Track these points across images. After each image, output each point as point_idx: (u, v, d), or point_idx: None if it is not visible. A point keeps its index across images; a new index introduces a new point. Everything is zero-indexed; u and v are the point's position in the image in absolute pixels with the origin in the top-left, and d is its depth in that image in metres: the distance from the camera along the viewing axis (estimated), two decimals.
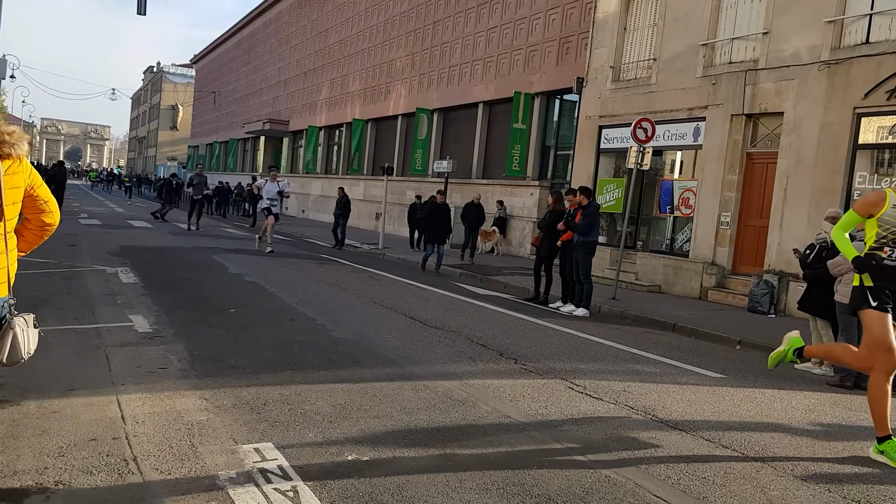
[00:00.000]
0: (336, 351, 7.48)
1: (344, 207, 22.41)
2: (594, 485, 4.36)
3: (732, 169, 14.60)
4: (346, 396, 5.80)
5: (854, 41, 12.61)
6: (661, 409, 6.26)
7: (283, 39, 45.21)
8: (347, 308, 10.48)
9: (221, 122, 59.18)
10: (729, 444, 5.38)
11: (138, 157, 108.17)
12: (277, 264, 15.78)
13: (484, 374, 7.04)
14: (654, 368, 8.08)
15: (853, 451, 5.54)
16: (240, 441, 4.63)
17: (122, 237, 19.20)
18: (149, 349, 6.96)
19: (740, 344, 9.97)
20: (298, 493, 3.92)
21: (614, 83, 17.57)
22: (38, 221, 3.79)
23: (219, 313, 9.14)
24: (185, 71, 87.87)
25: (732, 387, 7.44)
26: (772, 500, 4.36)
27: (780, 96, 13.60)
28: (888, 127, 11.97)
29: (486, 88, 24.84)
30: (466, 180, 24.97)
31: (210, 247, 18.57)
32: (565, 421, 5.67)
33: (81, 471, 4.02)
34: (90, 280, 11.24)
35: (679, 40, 15.85)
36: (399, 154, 30.74)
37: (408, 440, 4.90)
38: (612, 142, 17.68)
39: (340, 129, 37.21)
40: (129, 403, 5.23)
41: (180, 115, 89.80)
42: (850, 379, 7.89)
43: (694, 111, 15.39)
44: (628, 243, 15.76)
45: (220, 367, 6.47)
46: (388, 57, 31.90)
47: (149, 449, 4.41)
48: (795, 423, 6.21)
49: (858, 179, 12.43)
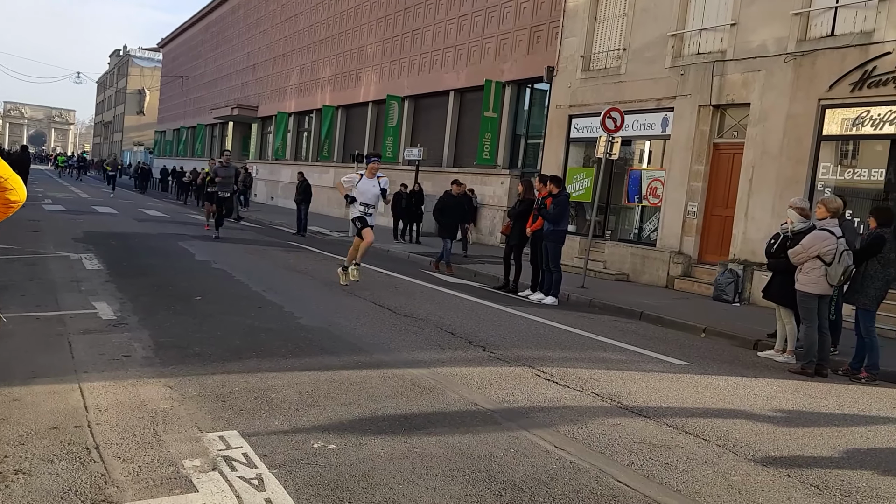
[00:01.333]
0: (303, 339, 7.45)
1: (304, 192, 22.17)
2: (559, 471, 4.40)
3: (699, 159, 14.74)
4: (313, 384, 5.78)
5: (819, 34, 12.78)
6: (626, 395, 6.33)
7: (252, 24, 44.66)
8: (315, 296, 10.44)
9: (189, 107, 58.39)
10: (692, 431, 5.46)
11: (104, 142, 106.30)
12: (244, 251, 15.65)
13: (452, 361, 7.06)
14: (621, 356, 8.16)
15: (813, 437, 5.65)
16: (204, 429, 4.59)
17: (87, 223, 18.90)
18: (112, 336, 6.88)
19: (705, 332, 10.10)
20: (264, 480, 3.90)
21: (584, 73, 17.63)
22: (2, 199, 3.70)
23: (184, 301, 9.04)
24: (152, 55, 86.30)
25: (696, 374, 7.55)
26: (733, 485, 4.44)
27: (746, 87, 13.74)
28: (852, 119, 12.17)
29: (458, 76, 24.79)
30: (437, 168, 24.94)
31: (176, 234, 18.36)
32: (532, 408, 5.71)
33: (42, 459, 3.96)
34: (53, 266, 11.06)
35: (648, 31, 15.94)
36: (370, 141, 30.59)
37: (375, 428, 4.90)
38: (581, 131, 17.76)
39: (310, 115, 36.91)
40: (91, 391, 5.16)
41: (147, 100, 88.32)
42: (812, 366, 8.05)
43: (662, 101, 15.50)
44: (597, 232, 15.85)
45: (185, 354, 6.42)
46: (358, 43, 31.68)
47: (112, 437, 4.36)
48: (757, 410, 6.31)
49: (822, 170, 12.62)
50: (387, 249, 18.51)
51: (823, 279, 7.96)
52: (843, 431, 5.88)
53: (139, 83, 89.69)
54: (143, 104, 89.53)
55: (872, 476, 4.84)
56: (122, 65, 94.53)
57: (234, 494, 3.71)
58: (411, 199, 21.25)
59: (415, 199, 21.28)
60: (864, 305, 8.08)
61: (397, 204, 21.20)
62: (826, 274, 7.95)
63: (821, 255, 7.94)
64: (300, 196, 22.19)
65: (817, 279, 7.99)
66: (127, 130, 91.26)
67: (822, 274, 7.96)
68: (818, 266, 7.98)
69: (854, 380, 8.03)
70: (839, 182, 12.37)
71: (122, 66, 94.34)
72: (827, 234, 8.00)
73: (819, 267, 7.97)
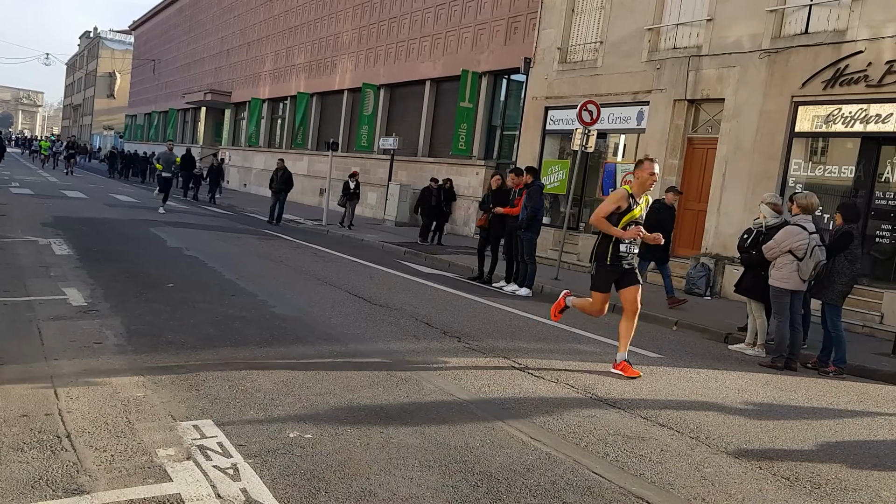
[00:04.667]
0: (278, 327, 7.40)
1: (286, 181, 21.07)
2: (534, 462, 4.42)
3: (674, 153, 14.85)
4: (289, 374, 5.74)
5: (794, 31, 12.91)
6: (600, 387, 6.37)
7: (226, 8, 44.08)
8: (290, 284, 10.37)
9: (161, 91, 57.57)
10: (665, 423, 5.51)
11: (73, 125, 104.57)
12: (217, 239, 15.50)
13: (428, 352, 7.05)
14: (595, 348, 8.21)
15: (783, 429, 5.73)
16: (178, 418, 4.54)
17: (56, 207, 18.58)
18: (83, 323, 6.77)
19: (677, 325, 10.19)
20: (239, 470, 3.87)
21: (561, 65, 17.65)
22: None
23: (157, 288, 8.93)
24: (124, 37, 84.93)
25: (669, 367, 7.62)
26: (706, 477, 4.49)
27: (721, 83, 13.85)
28: (824, 116, 12.32)
29: (434, 66, 24.70)
30: (412, 158, 24.86)
31: (147, 219, 18.12)
32: (507, 399, 5.73)
33: (12, 448, 3.90)
34: (21, 251, 10.86)
35: (625, 24, 15.99)
36: (344, 129, 30.39)
37: (351, 418, 4.88)
38: (557, 123, 17.80)
39: (284, 102, 36.58)
40: (62, 379, 5.08)
41: (118, 83, 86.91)
42: (781, 360, 8.16)
43: (638, 95, 15.58)
44: (571, 224, 15.91)
45: (157, 342, 6.34)
46: (334, 30, 31.42)
47: (83, 425, 4.29)
48: (729, 403, 6.39)
49: (794, 167, 12.78)
50: (361, 239, 18.44)
51: (796, 274, 8.06)
52: (813, 424, 5.98)
53: (110, 66, 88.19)
54: (114, 87, 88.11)
55: (841, 468, 4.92)
56: (93, 47, 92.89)
57: (210, 484, 3.68)
58: (440, 196, 18.96)
59: (444, 195, 19.12)
60: (830, 300, 8.21)
61: (426, 202, 18.95)
62: (798, 269, 8.05)
63: (793, 250, 8.04)
64: (281, 185, 20.96)
65: (790, 274, 8.09)
66: (97, 114, 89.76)
67: (794, 269, 8.06)
68: (790, 261, 8.08)
69: (822, 373, 8.16)
70: (810, 178, 12.53)
71: (93, 48, 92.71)
72: (799, 230, 8.10)
73: (791, 262, 8.07)
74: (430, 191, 18.96)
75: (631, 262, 7.01)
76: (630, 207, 6.80)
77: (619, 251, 6.87)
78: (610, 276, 6.98)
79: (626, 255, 6.91)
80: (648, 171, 6.88)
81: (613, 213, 6.81)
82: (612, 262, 6.89)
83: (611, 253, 6.88)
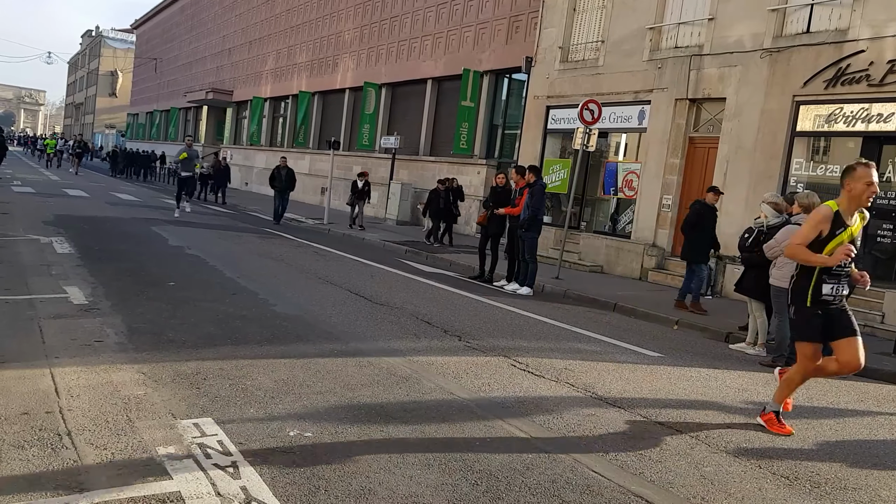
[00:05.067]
0: (279, 326, 7.40)
1: (290, 180, 20.95)
2: (534, 460, 4.43)
3: (675, 153, 14.84)
4: (289, 372, 5.75)
5: (795, 30, 12.90)
6: (600, 386, 6.37)
7: (228, 7, 44.09)
8: (291, 283, 10.37)
9: (163, 90, 57.59)
10: (665, 421, 5.51)
11: (75, 123, 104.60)
12: (219, 237, 15.51)
13: (428, 350, 7.06)
14: (595, 347, 8.21)
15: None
16: (179, 416, 4.55)
17: (58, 206, 18.60)
18: (84, 321, 6.78)
19: (678, 324, 10.19)
20: (239, 469, 3.88)
21: (562, 64, 17.64)
22: None
23: (158, 286, 8.94)
24: (126, 36, 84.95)
25: (669, 365, 7.62)
26: (705, 476, 4.49)
27: (722, 82, 13.85)
28: (825, 115, 12.31)
29: (435, 65, 24.69)
30: (414, 157, 24.86)
31: (149, 218, 18.14)
32: (508, 398, 5.73)
33: (13, 445, 3.90)
34: (23, 249, 10.87)
35: (627, 23, 15.98)
36: (346, 128, 30.39)
37: (351, 416, 4.89)
38: (559, 122, 17.79)
39: (286, 100, 36.58)
40: (63, 377, 5.09)
41: (120, 82, 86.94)
42: (782, 360, 8.14)
43: (640, 94, 15.57)
44: (572, 224, 15.91)
45: (158, 340, 6.35)
46: (336, 29, 31.42)
47: (84, 423, 4.30)
48: (729, 402, 6.40)
49: (795, 166, 12.77)
50: (362, 237, 18.45)
51: None
52: (813, 424, 5.98)
53: (112, 65, 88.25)
54: (116, 86, 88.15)
55: (841, 468, 4.93)
56: (95, 45, 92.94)
57: (210, 482, 3.69)
58: (449, 198, 18.45)
59: (452, 196, 18.57)
60: None
61: (433, 204, 18.43)
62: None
63: None
64: (285, 183, 20.78)
65: (790, 273, 8.06)
66: (99, 112, 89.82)
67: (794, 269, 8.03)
68: (791, 261, 8.05)
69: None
70: (811, 178, 12.52)
71: (95, 47, 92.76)
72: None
73: (792, 261, 8.05)
74: (437, 193, 18.47)
75: (843, 305, 5.41)
76: (834, 233, 5.18)
77: (821, 292, 5.30)
78: (814, 320, 5.38)
79: (831, 299, 5.32)
80: (866, 181, 5.09)
81: (814, 241, 5.26)
82: (814, 302, 5.36)
83: (812, 290, 5.35)
